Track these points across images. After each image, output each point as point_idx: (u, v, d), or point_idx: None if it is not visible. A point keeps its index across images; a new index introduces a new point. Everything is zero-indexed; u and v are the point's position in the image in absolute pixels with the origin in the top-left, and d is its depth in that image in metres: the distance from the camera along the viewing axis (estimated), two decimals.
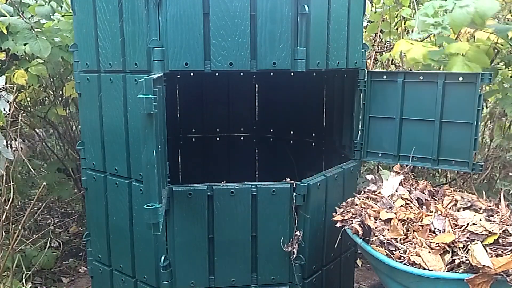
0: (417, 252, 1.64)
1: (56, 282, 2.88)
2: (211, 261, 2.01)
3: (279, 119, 3.06)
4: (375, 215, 1.87)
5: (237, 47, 1.86)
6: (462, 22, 2.10)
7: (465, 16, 2.08)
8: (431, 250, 1.63)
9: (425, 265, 1.58)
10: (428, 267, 1.58)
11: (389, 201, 1.94)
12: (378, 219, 1.84)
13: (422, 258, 1.61)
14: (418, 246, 1.66)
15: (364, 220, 1.82)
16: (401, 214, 1.83)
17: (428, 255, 1.61)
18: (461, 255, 1.58)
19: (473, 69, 2.18)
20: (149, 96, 1.48)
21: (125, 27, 1.93)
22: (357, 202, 1.98)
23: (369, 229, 1.79)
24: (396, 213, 1.85)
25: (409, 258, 1.62)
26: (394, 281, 1.71)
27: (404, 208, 1.90)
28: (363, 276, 2.96)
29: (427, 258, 1.60)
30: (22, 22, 2.61)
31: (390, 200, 1.95)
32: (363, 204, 1.96)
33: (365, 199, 2.00)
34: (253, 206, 1.98)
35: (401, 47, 2.38)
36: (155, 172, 1.51)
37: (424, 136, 2.19)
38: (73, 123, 3.48)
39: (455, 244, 1.61)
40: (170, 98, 2.69)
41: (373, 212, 1.88)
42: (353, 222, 1.85)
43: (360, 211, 1.90)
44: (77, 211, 3.75)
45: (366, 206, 1.94)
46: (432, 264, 1.59)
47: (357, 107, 2.37)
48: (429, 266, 1.58)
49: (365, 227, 1.81)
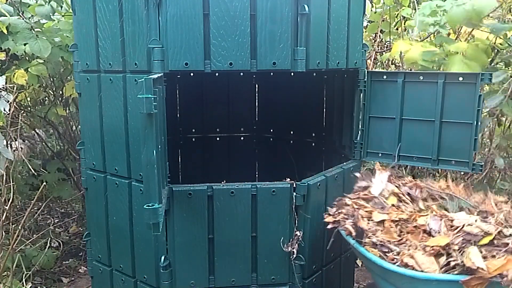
0: (411, 254, 1.62)
1: (56, 282, 2.88)
2: (211, 261, 2.01)
3: (279, 119, 3.06)
4: (368, 215, 1.84)
5: (237, 47, 1.86)
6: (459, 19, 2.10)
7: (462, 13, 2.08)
8: (425, 253, 1.62)
9: (419, 267, 1.57)
10: (422, 269, 1.56)
11: (381, 201, 1.92)
12: (371, 219, 1.82)
13: (416, 260, 1.59)
14: (412, 248, 1.65)
15: (357, 222, 1.80)
16: (394, 215, 1.82)
17: (422, 257, 1.59)
18: (455, 256, 1.57)
19: (472, 68, 2.18)
20: (149, 96, 1.48)
21: (125, 27, 1.94)
22: (349, 202, 1.97)
23: (362, 230, 1.78)
24: (388, 213, 1.84)
25: (402, 260, 1.61)
26: (387, 282, 1.70)
27: (396, 208, 1.89)
28: (363, 276, 2.96)
29: (421, 260, 1.58)
30: (22, 22, 2.61)
31: (382, 199, 1.93)
32: (355, 204, 1.94)
33: (356, 199, 1.98)
34: (253, 206, 1.98)
35: (400, 47, 2.39)
36: (155, 172, 1.51)
37: (424, 136, 2.19)
38: (73, 123, 3.49)
39: (450, 246, 1.61)
40: (170, 98, 2.69)
41: (365, 212, 1.86)
42: (346, 223, 1.83)
43: (352, 212, 1.88)
44: (77, 211, 3.75)
45: (358, 206, 1.92)
46: (426, 266, 1.57)
47: (357, 107, 2.37)
48: (423, 268, 1.56)
49: (357, 228, 1.80)
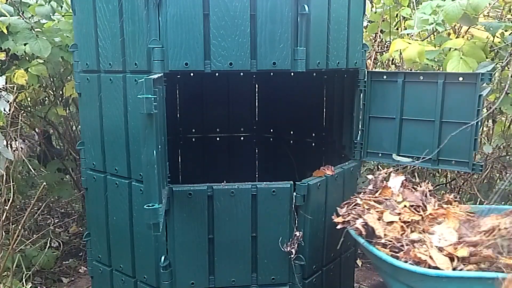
0: (426, 250, 1.63)
1: (56, 282, 2.88)
2: (211, 261, 2.01)
3: (279, 119, 3.06)
4: (379, 216, 1.86)
5: (237, 47, 1.86)
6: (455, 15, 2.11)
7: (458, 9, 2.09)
8: (439, 252, 1.62)
9: (433, 262, 1.57)
10: (436, 264, 1.57)
11: (393, 203, 1.93)
12: (381, 220, 1.83)
13: (431, 255, 1.60)
14: (427, 246, 1.66)
15: (368, 222, 1.82)
16: (406, 216, 1.83)
17: (437, 254, 1.61)
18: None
19: (469, 64, 2.19)
20: (149, 96, 1.48)
21: (125, 27, 1.93)
22: (359, 202, 1.98)
23: (372, 230, 1.79)
24: (400, 214, 1.85)
25: (415, 255, 1.61)
26: (397, 280, 1.71)
27: (408, 209, 1.89)
28: (363, 276, 2.96)
29: (435, 256, 1.59)
30: (22, 22, 2.61)
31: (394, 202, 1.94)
32: (366, 204, 1.95)
33: (367, 200, 1.99)
34: (253, 206, 1.98)
35: (398, 46, 2.39)
36: (155, 172, 1.51)
37: (424, 136, 2.19)
38: (73, 123, 3.49)
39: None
40: (170, 98, 2.69)
41: (376, 213, 1.88)
42: (356, 223, 1.84)
43: (362, 212, 1.90)
44: (77, 211, 3.75)
45: (369, 206, 1.93)
46: (441, 262, 1.58)
47: (357, 107, 2.37)
48: (438, 263, 1.57)
49: (368, 228, 1.81)
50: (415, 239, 1.72)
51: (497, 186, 3.03)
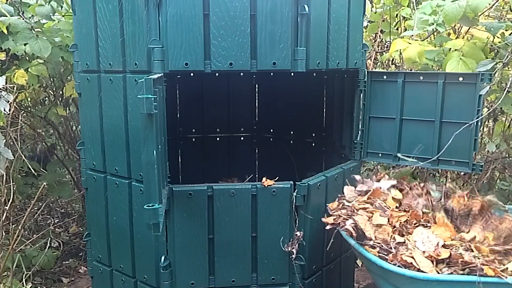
0: (410, 254, 1.62)
1: (56, 282, 2.88)
2: (211, 261, 2.01)
3: (279, 119, 3.06)
4: (369, 216, 1.85)
5: (237, 47, 1.86)
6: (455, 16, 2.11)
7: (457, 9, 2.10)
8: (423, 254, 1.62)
9: (417, 265, 1.57)
10: (420, 267, 1.56)
11: (382, 204, 1.92)
12: (371, 221, 1.82)
13: (414, 259, 1.59)
14: (411, 249, 1.65)
15: (357, 223, 1.81)
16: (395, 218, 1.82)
17: (420, 257, 1.60)
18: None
19: (468, 64, 2.19)
20: (149, 96, 1.48)
21: (125, 27, 1.94)
22: (348, 204, 1.96)
23: (362, 231, 1.79)
24: (389, 215, 1.84)
25: (401, 259, 1.60)
26: (387, 282, 1.70)
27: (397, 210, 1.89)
28: (363, 276, 2.96)
29: (419, 259, 1.59)
30: (22, 22, 2.61)
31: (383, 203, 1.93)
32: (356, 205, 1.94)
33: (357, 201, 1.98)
34: (253, 206, 1.98)
35: (398, 45, 2.39)
36: (155, 172, 1.51)
37: (424, 136, 2.19)
38: (73, 123, 3.48)
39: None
40: (170, 98, 2.68)
41: (366, 214, 1.86)
42: (346, 224, 1.83)
43: (352, 213, 1.89)
44: (77, 211, 3.75)
45: (359, 207, 1.92)
46: (424, 264, 1.57)
47: (357, 107, 2.37)
48: (421, 267, 1.56)
49: (358, 229, 1.80)
50: (401, 242, 1.71)
51: (497, 186, 3.03)
